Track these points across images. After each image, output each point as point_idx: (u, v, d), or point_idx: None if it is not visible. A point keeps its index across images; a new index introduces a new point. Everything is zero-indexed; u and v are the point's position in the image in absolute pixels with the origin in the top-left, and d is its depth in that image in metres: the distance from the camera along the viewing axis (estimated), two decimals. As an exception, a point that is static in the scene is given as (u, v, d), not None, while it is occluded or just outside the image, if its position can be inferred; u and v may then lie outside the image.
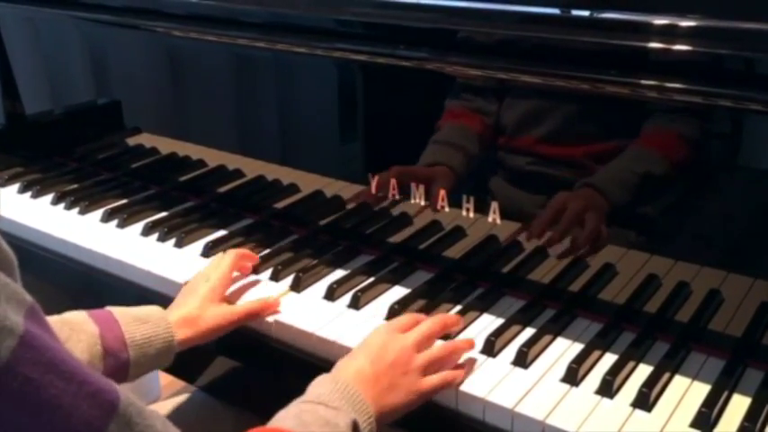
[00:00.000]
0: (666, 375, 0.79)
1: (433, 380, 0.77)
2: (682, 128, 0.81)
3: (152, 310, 0.85)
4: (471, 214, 0.94)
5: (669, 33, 0.77)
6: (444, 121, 0.95)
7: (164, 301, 0.91)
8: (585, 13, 0.86)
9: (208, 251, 1.05)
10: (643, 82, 0.78)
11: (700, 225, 0.84)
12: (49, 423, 0.45)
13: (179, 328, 0.84)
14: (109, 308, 0.83)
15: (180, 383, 1.07)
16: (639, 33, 0.79)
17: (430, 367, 0.77)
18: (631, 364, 0.80)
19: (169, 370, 1.09)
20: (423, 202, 0.97)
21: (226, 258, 0.95)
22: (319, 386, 0.71)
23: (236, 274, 0.96)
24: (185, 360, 1.03)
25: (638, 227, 0.87)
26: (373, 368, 0.74)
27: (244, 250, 1.00)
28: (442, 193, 0.95)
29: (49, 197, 1.23)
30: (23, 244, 1.13)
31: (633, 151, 0.83)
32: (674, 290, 0.85)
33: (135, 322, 0.82)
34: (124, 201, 1.21)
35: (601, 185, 0.84)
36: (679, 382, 0.79)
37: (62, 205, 1.21)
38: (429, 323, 0.82)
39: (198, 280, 0.92)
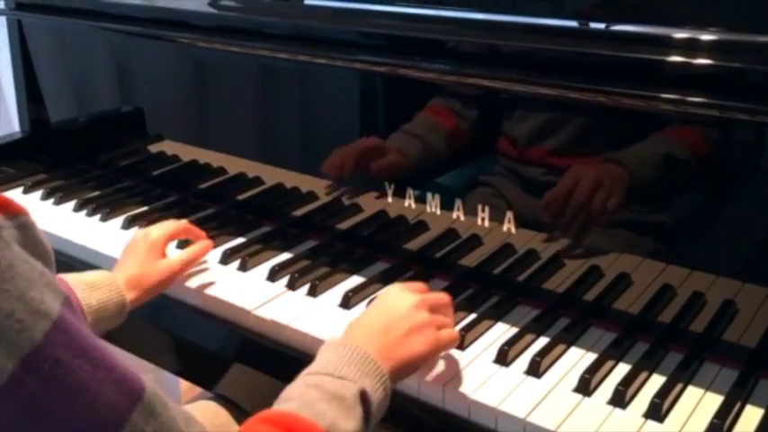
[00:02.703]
0: (679, 386, 0.79)
1: (448, 333, 0.78)
2: (690, 138, 0.81)
3: (102, 276, 0.90)
4: (487, 223, 0.95)
5: (684, 47, 0.78)
6: (420, 114, 0.98)
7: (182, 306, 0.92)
8: (602, 26, 0.87)
9: (226, 258, 1.07)
10: (658, 95, 0.78)
11: (716, 235, 0.84)
12: (75, 405, 0.47)
13: (127, 290, 0.90)
14: (61, 275, 0.86)
15: (198, 390, 1.08)
16: (653, 46, 0.80)
17: (441, 323, 0.78)
18: (644, 374, 0.81)
19: (188, 377, 1.12)
20: (438, 212, 0.98)
21: (167, 224, 1.01)
22: (327, 351, 0.70)
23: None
24: (204, 367, 1.05)
25: (654, 236, 0.87)
26: (385, 319, 0.74)
27: (192, 227, 1.05)
28: (458, 202, 0.96)
29: (72, 204, 1.26)
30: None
31: (656, 137, 0.83)
32: (689, 300, 0.85)
33: (88, 289, 0.86)
34: (145, 208, 1.24)
35: (624, 160, 0.85)
36: (692, 393, 0.79)
37: (84, 212, 1.23)
38: (439, 294, 0.83)
39: (137, 238, 0.98)
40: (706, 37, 0.77)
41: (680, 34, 0.78)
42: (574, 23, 0.89)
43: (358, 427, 0.64)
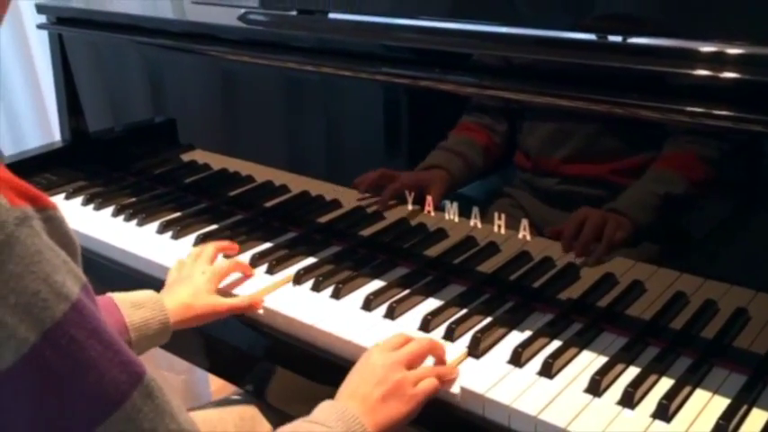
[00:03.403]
0: (687, 389, 0.81)
1: (425, 385, 0.82)
2: (702, 149, 0.83)
3: (147, 296, 0.95)
4: (503, 231, 0.98)
5: (693, 58, 0.80)
6: (453, 132, 1.00)
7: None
8: (619, 39, 0.90)
9: (254, 262, 1.11)
10: (671, 106, 0.81)
11: (731, 245, 0.86)
12: (85, 379, 0.52)
13: (174, 312, 0.94)
14: (109, 294, 0.92)
15: (230, 387, 1.13)
16: (665, 58, 0.83)
17: (418, 378, 0.82)
18: (654, 377, 0.83)
19: (219, 374, 1.16)
20: (456, 219, 1.01)
21: (224, 261, 1.07)
22: (321, 409, 0.78)
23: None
24: (235, 365, 1.10)
25: (669, 246, 0.89)
26: (366, 386, 0.79)
27: (224, 243, 1.12)
28: (476, 210, 0.99)
29: (110, 209, 1.31)
30: (86, 253, 1.20)
31: (653, 173, 0.86)
32: (701, 307, 0.87)
33: (132, 307, 0.91)
34: (178, 214, 1.28)
35: (623, 209, 0.88)
36: (700, 396, 0.81)
37: (122, 217, 1.28)
38: (417, 343, 0.85)
39: (193, 270, 1.03)
40: (707, 49, 0.79)
41: (692, 46, 0.81)
42: (592, 36, 0.92)
43: None
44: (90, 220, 1.28)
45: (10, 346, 0.49)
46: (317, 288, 1.04)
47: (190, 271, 1.03)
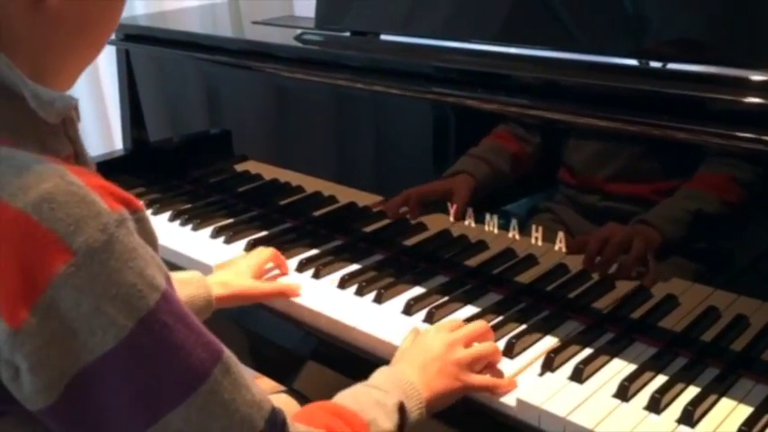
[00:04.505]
0: (713, 397, 0.84)
1: (478, 378, 0.87)
2: (737, 171, 0.86)
3: (192, 274, 1.04)
4: (540, 243, 1.02)
5: (728, 84, 0.85)
6: (486, 139, 1.05)
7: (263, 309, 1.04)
8: (659, 65, 0.95)
9: (302, 267, 1.17)
10: (706, 129, 0.85)
11: (764, 262, 0.88)
12: (174, 359, 0.59)
13: (217, 290, 1.02)
14: None
15: (274, 384, 1.19)
16: (706, 84, 0.87)
17: (474, 363, 0.88)
18: (681, 385, 0.86)
19: (265, 372, 1.22)
20: (496, 230, 1.06)
21: (265, 251, 1.14)
22: (378, 374, 0.83)
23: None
24: (279, 363, 1.15)
25: (705, 263, 0.92)
26: (424, 357, 0.85)
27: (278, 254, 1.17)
28: (514, 222, 1.04)
29: (167, 214, 1.39)
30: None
31: (690, 191, 0.90)
32: (732, 322, 0.89)
33: (179, 284, 0.97)
34: (231, 220, 1.35)
35: (653, 221, 0.92)
36: (725, 404, 0.84)
37: (178, 222, 1.36)
38: (472, 326, 0.93)
39: (237, 259, 1.12)
40: (739, 74, 0.84)
41: (726, 72, 0.86)
42: (635, 62, 0.97)
43: (393, 430, 0.76)
44: (149, 224, 1.36)
45: (111, 331, 0.56)
46: (360, 293, 1.10)
47: (234, 260, 1.12)
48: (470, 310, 1.05)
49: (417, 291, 1.09)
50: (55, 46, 0.62)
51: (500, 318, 1.02)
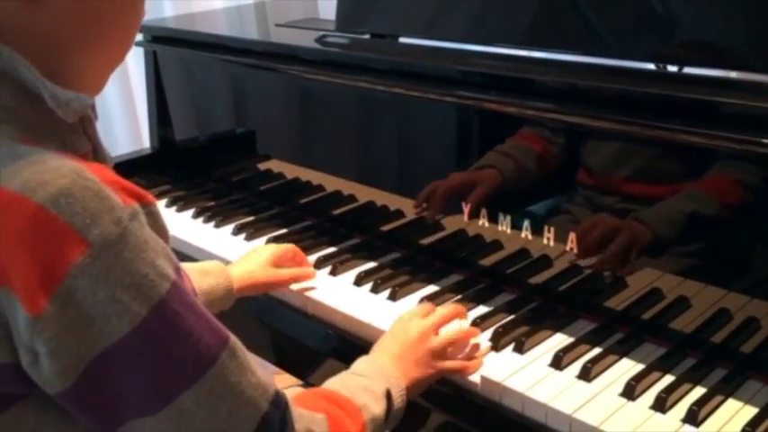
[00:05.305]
0: (719, 398, 0.85)
1: (449, 363, 0.91)
2: (755, 176, 0.87)
3: (214, 264, 1.06)
4: (552, 243, 1.04)
5: (740, 88, 0.86)
6: (511, 139, 1.07)
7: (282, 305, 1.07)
8: (675, 69, 0.97)
9: (319, 264, 1.20)
10: (719, 133, 0.86)
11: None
12: (185, 344, 0.62)
13: (237, 280, 1.05)
14: (179, 264, 1.03)
15: (292, 379, 1.21)
16: (717, 88, 0.88)
17: (448, 347, 0.92)
18: (688, 385, 0.87)
19: (284, 367, 1.25)
20: (509, 230, 1.07)
21: (284, 244, 1.17)
22: (359, 363, 0.87)
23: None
24: (298, 359, 1.18)
25: (717, 264, 0.93)
26: (400, 347, 0.89)
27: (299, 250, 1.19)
28: (527, 223, 1.05)
29: (191, 211, 1.42)
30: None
31: (701, 193, 0.91)
32: (743, 324, 0.90)
33: (201, 275, 1.02)
34: (252, 218, 1.38)
35: (646, 219, 0.93)
36: (730, 405, 0.85)
37: (201, 219, 1.39)
38: (443, 310, 0.96)
39: (260, 248, 1.15)
40: (749, 78, 0.84)
41: (737, 76, 0.86)
42: (653, 66, 0.98)
43: (383, 415, 0.80)
44: (172, 221, 1.38)
45: (125, 318, 0.59)
46: (375, 290, 1.12)
47: (257, 249, 1.15)
48: (482, 309, 1.06)
49: (431, 289, 1.11)
50: (64, 45, 0.64)
51: (512, 316, 1.03)
